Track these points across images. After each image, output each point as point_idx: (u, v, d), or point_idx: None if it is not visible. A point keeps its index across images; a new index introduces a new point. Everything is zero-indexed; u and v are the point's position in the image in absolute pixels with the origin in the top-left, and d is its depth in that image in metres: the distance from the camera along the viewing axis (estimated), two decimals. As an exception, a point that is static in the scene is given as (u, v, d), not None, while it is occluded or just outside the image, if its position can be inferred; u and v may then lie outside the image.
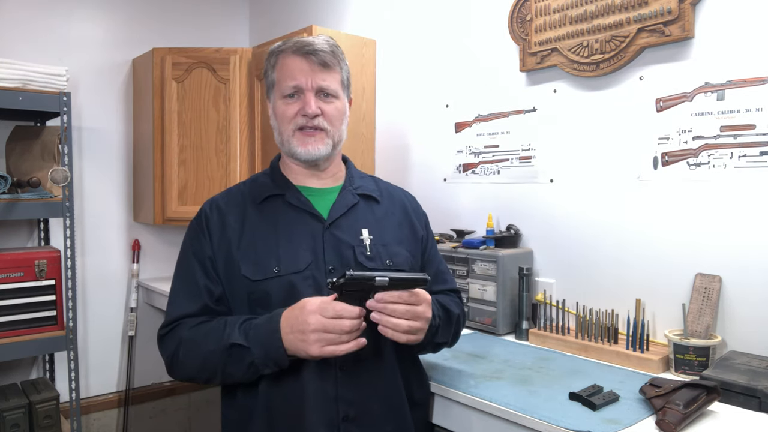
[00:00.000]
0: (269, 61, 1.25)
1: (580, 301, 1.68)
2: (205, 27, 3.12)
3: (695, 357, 1.36)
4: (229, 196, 1.27)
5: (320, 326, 1.02)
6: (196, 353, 1.13)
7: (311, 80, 1.19)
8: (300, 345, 1.04)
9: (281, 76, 1.22)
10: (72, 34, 2.70)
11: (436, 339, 1.21)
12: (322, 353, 1.03)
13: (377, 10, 2.42)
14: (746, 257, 1.39)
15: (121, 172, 2.88)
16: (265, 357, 1.08)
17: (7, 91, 2.10)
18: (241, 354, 1.09)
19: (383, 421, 1.17)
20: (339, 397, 1.13)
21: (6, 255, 2.18)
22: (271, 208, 1.23)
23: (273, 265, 1.15)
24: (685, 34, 1.46)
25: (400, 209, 1.33)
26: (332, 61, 1.21)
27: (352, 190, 1.28)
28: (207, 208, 1.25)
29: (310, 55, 1.19)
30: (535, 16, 1.78)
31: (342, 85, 1.25)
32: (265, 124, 2.47)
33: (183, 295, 1.20)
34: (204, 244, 1.20)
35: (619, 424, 1.09)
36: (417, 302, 1.07)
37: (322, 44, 1.20)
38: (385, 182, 1.38)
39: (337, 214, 1.22)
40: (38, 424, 2.20)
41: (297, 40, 1.21)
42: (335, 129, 1.23)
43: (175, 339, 1.16)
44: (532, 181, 1.85)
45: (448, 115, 2.12)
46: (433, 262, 1.35)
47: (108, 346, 2.85)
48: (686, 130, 1.49)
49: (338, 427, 1.12)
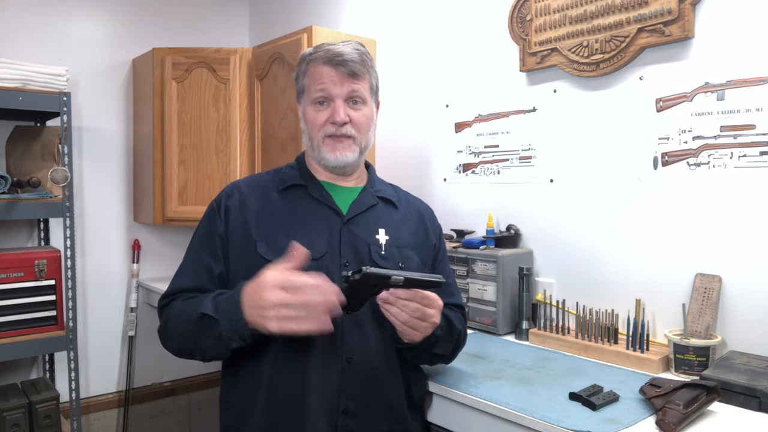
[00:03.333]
0: (300, 68, 1.29)
1: (580, 301, 1.68)
2: (205, 27, 3.12)
3: (695, 357, 1.36)
4: (251, 180, 1.32)
5: (278, 301, 1.00)
6: (178, 324, 1.17)
7: (340, 89, 1.22)
8: (259, 320, 1.02)
9: (311, 83, 1.25)
10: (72, 34, 2.70)
11: (435, 349, 1.21)
12: (281, 329, 1.00)
13: (377, 10, 2.42)
14: (746, 257, 1.39)
15: (121, 172, 2.88)
16: (230, 330, 1.07)
17: (7, 91, 2.10)
18: (210, 325, 1.09)
19: (381, 418, 1.18)
20: (342, 389, 1.15)
21: (6, 255, 2.18)
22: (292, 197, 1.27)
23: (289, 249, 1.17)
24: (685, 34, 1.46)
25: (417, 217, 1.37)
26: (361, 69, 1.24)
27: (373, 192, 1.32)
28: (228, 189, 1.29)
29: (340, 66, 1.21)
30: (535, 16, 1.78)
31: (371, 91, 1.29)
32: (265, 123, 2.47)
33: (185, 270, 1.24)
34: (217, 223, 1.24)
35: (619, 424, 1.09)
36: (429, 305, 1.09)
37: (352, 53, 1.22)
38: (405, 191, 1.43)
39: (356, 211, 1.26)
40: (38, 424, 2.20)
41: (328, 49, 1.23)
42: (362, 136, 1.27)
43: (167, 311, 1.21)
44: (532, 181, 1.85)
45: (448, 115, 2.12)
46: (441, 273, 1.35)
47: (108, 346, 2.85)
48: (686, 130, 1.49)
49: (337, 419, 1.14)
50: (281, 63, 2.33)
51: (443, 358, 1.29)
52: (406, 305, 1.06)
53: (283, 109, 2.33)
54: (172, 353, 1.23)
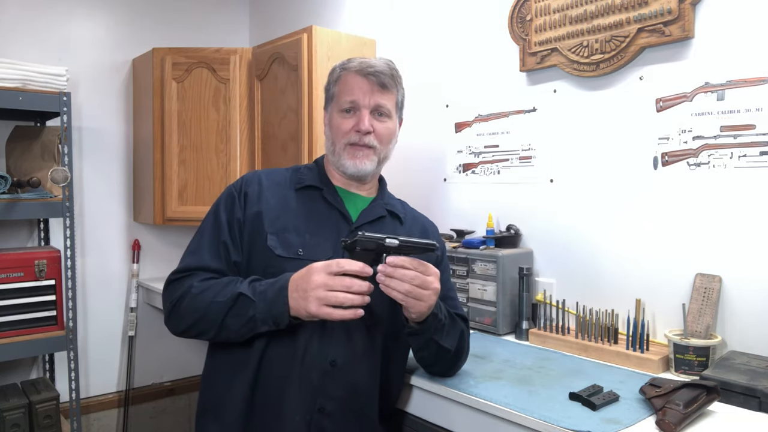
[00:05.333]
0: (332, 75, 1.34)
1: (580, 301, 1.68)
2: (205, 27, 3.12)
3: (695, 357, 1.36)
4: (271, 173, 1.35)
5: (322, 283, 1.07)
6: (200, 301, 1.17)
7: (369, 99, 1.27)
8: (301, 303, 1.09)
9: (341, 90, 1.30)
10: (72, 34, 2.70)
11: (441, 339, 1.23)
12: (318, 312, 1.07)
13: (377, 10, 2.42)
14: (746, 257, 1.39)
15: (121, 172, 2.88)
16: (267, 312, 1.12)
17: (7, 91, 2.10)
18: (246, 305, 1.13)
19: (353, 422, 1.22)
20: (322, 389, 1.18)
21: (6, 255, 2.18)
22: (307, 197, 1.31)
23: (298, 247, 1.22)
24: (685, 34, 1.46)
25: (421, 231, 1.41)
26: (390, 83, 1.29)
27: (383, 204, 1.36)
28: (249, 176, 1.32)
29: (371, 76, 1.27)
30: (535, 16, 1.78)
31: (396, 107, 1.34)
32: (265, 123, 2.47)
33: (207, 248, 1.25)
34: (237, 207, 1.26)
35: (619, 424, 1.09)
36: (426, 272, 1.11)
37: (383, 67, 1.28)
38: (411, 208, 1.47)
39: (364, 220, 1.30)
40: (38, 424, 2.20)
41: (361, 61, 1.30)
42: (383, 147, 1.31)
43: (184, 286, 1.20)
44: (532, 181, 1.85)
45: (448, 115, 2.12)
46: (443, 286, 1.36)
47: (108, 346, 2.85)
48: (686, 130, 1.49)
49: (312, 416, 1.17)
50: (281, 63, 2.33)
51: (447, 358, 1.30)
52: (404, 274, 1.09)
53: (283, 109, 2.33)
54: (173, 330, 1.23)
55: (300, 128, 2.22)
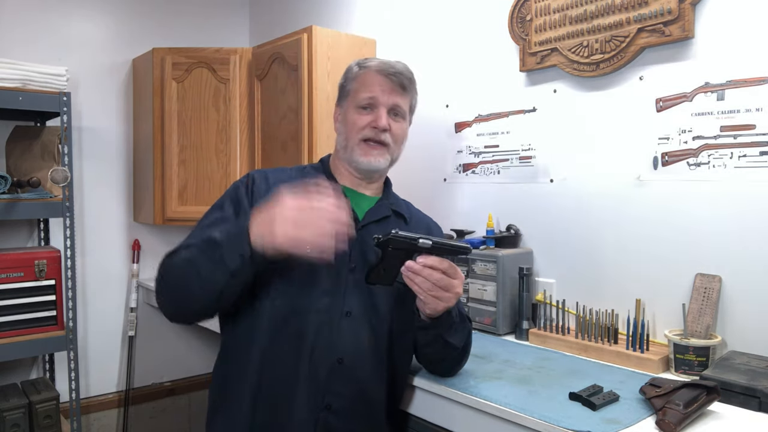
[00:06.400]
0: (350, 72, 1.34)
1: (580, 301, 1.68)
2: (205, 27, 3.11)
3: (695, 357, 1.36)
4: (277, 171, 1.35)
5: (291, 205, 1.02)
6: (179, 261, 1.14)
7: (388, 97, 1.28)
8: (265, 230, 1.03)
9: (360, 87, 1.30)
10: (72, 34, 2.70)
11: (449, 337, 1.24)
12: (285, 235, 1.01)
13: (377, 10, 2.42)
14: (746, 257, 1.39)
15: (121, 172, 2.88)
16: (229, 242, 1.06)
17: (7, 91, 2.10)
18: (213, 248, 1.08)
19: (360, 420, 1.22)
20: (329, 386, 1.18)
21: (6, 255, 2.18)
22: None
23: None
24: (685, 34, 1.46)
25: (425, 232, 1.40)
26: (409, 85, 1.32)
27: (388, 204, 1.36)
28: (255, 174, 1.32)
29: (392, 76, 1.28)
30: (535, 16, 1.78)
31: (410, 110, 1.36)
32: (265, 123, 2.47)
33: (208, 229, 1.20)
34: (243, 200, 1.26)
35: (619, 424, 1.09)
36: (453, 275, 1.11)
37: (404, 69, 1.31)
38: (416, 209, 1.47)
39: (370, 219, 1.30)
40: (38, 424, 2.20)
41: (381, 61, 1.31)
42: (396, 147, 1.32)
43: (167, 260, 1.18)
44: (532, 181, 1.85)
45: (448, 115, 2.12)
46: None
47: (108, 346, 2.85)
48: (686, 130, 1.49)
49: (319, 414, 1.18)
50: (281, 63, 2.33)
51: (453, 355, 1.30)
52: (431, 275, 1.09)
53: (283, 109, 2.33)
54: (165, 307, 1.20)
55: (300, 128, 2.22)
